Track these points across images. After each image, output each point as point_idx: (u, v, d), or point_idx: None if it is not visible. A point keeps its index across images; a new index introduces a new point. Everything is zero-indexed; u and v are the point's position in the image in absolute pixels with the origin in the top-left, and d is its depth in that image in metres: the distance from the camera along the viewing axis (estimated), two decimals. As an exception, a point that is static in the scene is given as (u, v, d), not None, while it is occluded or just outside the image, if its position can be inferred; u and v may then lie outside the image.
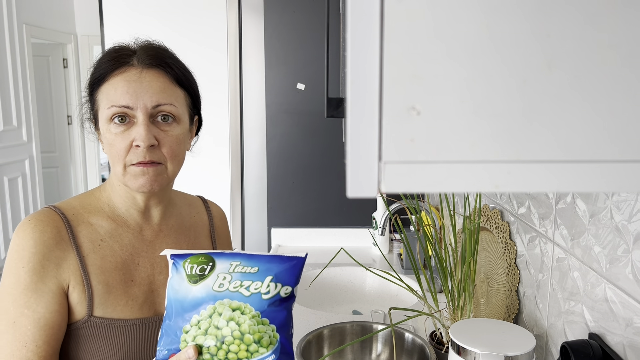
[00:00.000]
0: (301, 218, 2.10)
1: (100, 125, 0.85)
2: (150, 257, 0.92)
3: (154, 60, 0.85)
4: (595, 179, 0.31)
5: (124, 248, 0.89)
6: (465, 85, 0.29)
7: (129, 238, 0.91)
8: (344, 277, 1.74)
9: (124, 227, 0.91)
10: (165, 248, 0.94)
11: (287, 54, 2.01)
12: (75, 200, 0.90)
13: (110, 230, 0.89)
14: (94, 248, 0.86)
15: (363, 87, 0.29)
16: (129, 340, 0.87)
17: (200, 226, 1.04)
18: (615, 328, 0.69)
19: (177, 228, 0.98)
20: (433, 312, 1.06)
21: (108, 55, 0.85)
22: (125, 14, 2.10)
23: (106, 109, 0.82)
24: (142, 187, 0.84)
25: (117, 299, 0.86)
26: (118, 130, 0.82)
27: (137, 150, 0.82)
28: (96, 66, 0.85)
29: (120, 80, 0.82)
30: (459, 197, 1.50)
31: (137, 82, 0.82)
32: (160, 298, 0.92)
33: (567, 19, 0.29)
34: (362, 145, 0.30)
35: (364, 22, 0.29)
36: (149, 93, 0.82)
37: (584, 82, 0.29)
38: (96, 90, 0.84)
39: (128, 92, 0.81)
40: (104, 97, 0.83)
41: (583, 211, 0.77)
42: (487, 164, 0.30)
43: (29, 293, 0.80)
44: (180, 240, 0.98)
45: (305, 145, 2.06)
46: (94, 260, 0.85)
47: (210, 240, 1.05)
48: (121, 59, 0.83)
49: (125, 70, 0.82)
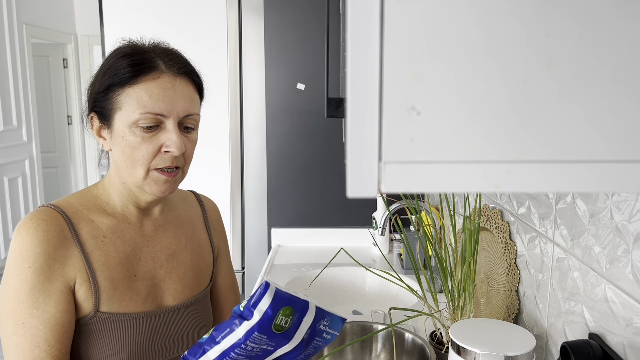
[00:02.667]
0: (301, 218, 2.10)
1: (116, 126, 0.84)
2: (151, 252, 0.93)
3: (182, 68, 0.86)
4: (595, 179, 0.31)
5: (126, 243, 0.90)
6: (465, 85, 0.29)
7: (130, 233, 0.91)
8: (344, 277, 1.74)
9: (125, 223, 0.91)
10: (165, 242, 0.95)
11: (287, 54, 2.01)
12: (72, 198, 0.89)
13: (111, 226, 0.89)
14: (97, 244, 0.86)
15: (363, 87, 0.29)
16: (135, 333, 0.88)
17: (196, 220, 1.05)
18: (615, 328, 0.69)
19: (176, 222, 0.99)
20: (433, 312, 1.06)
21: (128, 56, 0.84)
22: (125, 14, 2.10)
23: (136, 113, 0.81)
24: (162, 193, 0.86)
25: (122, 294, 0.87)
26: (145, 135, 0.83)
27: (166, 155, 0.84)
28: (115, 65, 0.84)
29: (155, 86, 0.82)
30: (459, 197, 1.50)
31: (172, 90, 0.83)
32: (162, 292, 0.93)
33: (567, 19, 0.29)
34: (362, 145, 0.30)
35: (364, 22, 0.29)
36: (182, 102, 0.84)
37: (584, 82, 0.29)
38: (117, 90, 0.83)
39: (164, 101, 0.82)
40: (132, 100, 0.82)
41: (583, 211, 0.77)
42: (487, 164, 0.30)
43: (36, 293, 0.80)
44: (179, 235, 0.99)
45: (305, 145, 2.06)
46: (98, 256, 0.86)
47: (206, 233, 1.06)
48: (148, 62, 0.83)
49: (159, 76, 0.83)
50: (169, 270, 0.94)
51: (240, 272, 2.23)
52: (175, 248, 0.97)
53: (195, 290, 0.99)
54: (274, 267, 1.79)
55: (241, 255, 2.22)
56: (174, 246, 0.97)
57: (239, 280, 2.23)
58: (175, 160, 0.85)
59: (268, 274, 1.72)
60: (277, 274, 1.72)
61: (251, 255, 2.19)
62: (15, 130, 4.29)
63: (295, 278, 1.67)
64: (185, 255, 0.98)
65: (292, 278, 1.67)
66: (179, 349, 0.94)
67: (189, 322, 0.96)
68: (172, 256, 0.96)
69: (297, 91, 2.03)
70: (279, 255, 1.94)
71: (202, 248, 1.03)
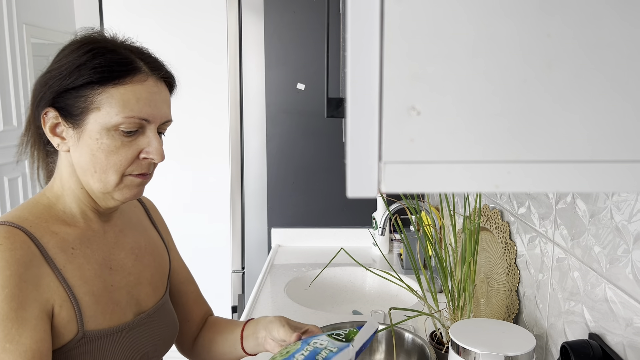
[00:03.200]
0: (301, 218, 2.10)
1: (90, 127, 0.76)
2: (119, 259, 0.87)
3: (162, 72, 0.81)
4: (595, 179, 0.31)
5: (95, 253, 0.83)
6: (465, 85, 0.29)
7: (97, 242, 0.84)
8: (344, 277, 1.74)
9: (89, 232, 0.83)
10: (128, 248, 0.90)
11: (287, 54, 2.01)
12: (21, 212, 0.78)
13: (77, 236, 0.81)
14: (68, 258, 0.77)
15: (363, 87, 0.29)
16: (124, 347, 0.82)
17: (143, 220, 1.00)
18: (615, 328, 0.69)
19: (130, 226, 0.94)
20: (433, 312, 1.06)
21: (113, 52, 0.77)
22: (125, 15, 2.10)
23: (120, 116, 0.75)
24: (133, 197, 0.82)
25: (105, 307, 0.80)
26: (125, 140, 0.77)
27: (144, 162, 0.79)
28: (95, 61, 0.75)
29: (143, 90, 0.77)
30: (459, 197, 1.50)
31: (157, 94, 0.79)
32: (136, 298, 0.87)
33: (567, 19, 0.29)
34: (362, 145, 0.30)
35: (364, 22, 0.29)
36: (164, 108, 0.80)
37: (584, 82, 0.29)
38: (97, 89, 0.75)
39: (150, 105, 0.77)
40: (116, 101, 0.75)
41: (583, 211, 0.77)
42: (487, 164, 0.30)
43: (9, 324, 0.69)
44: (136, 238, 0.93)
45: (305, 145, 2.06)
46: (72, 271, 0.77)
47: (155, 231, 1.01)
48: (134, 63, 0.78)
49: (146, 79, 0.78)
50: (137, 275, 0.89)
51: (240, 272, 2.23)
52: (137, 252, 0.92)
53: (162, 290, 0.95)
54: (274, 267, 1.79)
55: (241, 255, 2.22)
56: (136, 250, 0.92)
57: (238, 280, 2.24)
58: (150, 166, 0.81)
59: (268, 274, 1.72)
60: (277, 274, 1.72)
61: (251, 255, 2.19)
62: (15, 130, 4.29)
63: (295, 278, 1.67)
64: (147, 257, 0.93)
65: (292, 278, 1.67)
66: (161, 351, 0.91)
67: (163, 322, 0.92)
68: (137, 261, 0.90)
69: (297, 91, 2.03)
70: (279, 255, 1.94)
71: (157, 247, 0.98)
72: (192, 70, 2.10)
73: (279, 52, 2.01)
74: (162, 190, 2.38)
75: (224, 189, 2.19)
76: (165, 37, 2.08)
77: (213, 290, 2.50)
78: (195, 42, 2.10)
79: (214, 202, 2.33)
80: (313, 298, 1.68)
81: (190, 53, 2.08)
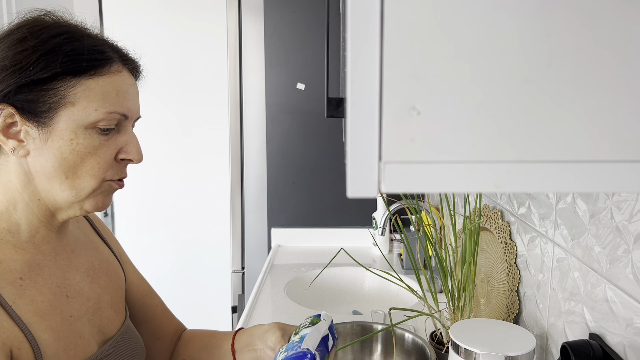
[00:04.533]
0: (301, 218, 2.10)
1: (61, 126, 0.65)
2: (74, 284, 0.75)
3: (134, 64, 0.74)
4: (595, 179, 0.31)
5: (48, 281, 0.70)
6: (465, 84, 0.29)
7: (48, 267, 0.71)
8: (344, 277, 1.74)
9: (39, 256, 0.70)
10: (82, 269, 0.78)
11: (287, 54, 2.01)
12: None
13: (25, 263, 0.68)
14: (17, 291, 0.65)
15: (363, 87, 0.29)
16: None
17: (90, 234, 0.87)
18: (616, 328, 0.69)
19: (80, 244, 0.81)
20: (433, 312, 1.06)
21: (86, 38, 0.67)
22: (125, 15, 2.09)
23: (100, 111, 0.66)
24: (104, 207, 0.72)
25: (68, 342, 0.69)
26: (102, 139, 0.68)
27: (122, 164, 0.71)
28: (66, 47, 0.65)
29: (121, 82, 0.68)
30: (459, 197, 1.50)
31: (133, 87, 0.71)
32: (99, 326, 0.77)
33: (567, 18, 0.29)
34: (362, 145, 0.30)
35: (364, 22, 0.28)
36: (137, 102, 0.73)
37: (584, 81, 0.29)
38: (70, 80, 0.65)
39: (128, 99, 0.69)
40: (94, 95, 0.65)
41: (583, 211, 0.77)
42: (487, 164, 0.30)
43: None
44: (89, 257, 0.81)
45: (305, 145, 2.06)
46: (24, 306, 0.65)
47: (104, 246, 0.89)
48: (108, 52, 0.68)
49: (122, 71, 0.69)
50: (96, 299, 0.78)
51: (240, 272, 2.23)
52: (92, 273, 0.80)
53: (123, 311, 0.84)
54: (274, 267, 1.79)
55: (241, 255, 2.22)
56: (91, 271, 0.80)
57: (238, 280, 2.23)
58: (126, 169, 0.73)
59: (268, 274, 1.72)
60: (277, 274, 1.72)
61: (251, 255, 2.19)
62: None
63: (295, 278, 1.67)
64: (103, 278, 0.81)
65: (292, 278, 1.67)
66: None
67: (131, 347, 0.82)
68: (93, 283, 0.78)
69: (297, 91, 2.03)
70: (279, 255, 1.94)
71: (110, 264, 0.86)
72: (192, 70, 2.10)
73: (279, 52, 2.01)
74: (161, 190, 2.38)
75: (224, 189, 2.19)
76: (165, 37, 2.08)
77: (213, 291, 2.50)
78: (195, 41, 2.09)
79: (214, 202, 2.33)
80: (313, 298, 1.68)
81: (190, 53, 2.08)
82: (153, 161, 2.23)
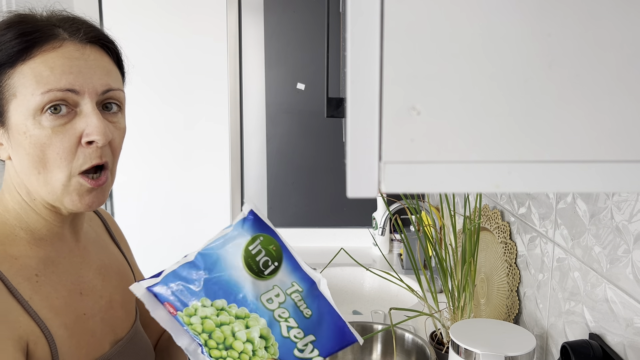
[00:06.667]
0: (301, 218, 2.10)
1: (14, 121, 0.62)
2: (86, 282, 0.74)
3: (90, 33, 0.66)
4: (596, 179, 0.31)
5: (62, 278, 0.70)
6: (465, 85, 0.29)
7: (63, 264, 0.71)
8: (344, 277, 1.74)
9: (53, 253, 0.70)
10: (95, 267, 0.77)
11: (287, 54, 2.01)
12: None
13: (40, 259, 0.68)
14: (34, 287, 0.65)
15: (363, 87, 0.29)
16: None
17: (102, 234, 0.86)
18: (616, 328, 0.68)
19: (92, 242, 0.80)
20: (433, 312, 1.06)
21: (16, 24, 0.64)
22: (125, 15, 2.09)
23: (37, 94, 0.61)
24: (88, 207, 0.67)
25: (80, 340, 0.69)
26: (56, 124, 0.62)
27: (89, 149, 0.64)
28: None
29: (56, 57, 0.62)
30: (459, 197, 1.50)
31: (81, 59, 0.64)
32: (111, 325, 0.76)
33: (567, 18, 0.29)
34: (362, 145, 0.30)
35: (364, 22, 0.28)
36: (98, 74, 0.65)
37: (585, 81, 0.29)
38: (7, 72, 0.62)
39: (71, 72, 0.62)
40: (29, 80, 0.61)
41: (583, 211, 0.77)
42: (487, 164, 0.30)
43: None
44: (100, 255, 0.80)
45: (305, 145, 2.06)
46: (39, 302, 0.65)
47: (116, 248, 0.88)
48: (43, 29, 0.63)
49: (61, 45, 0.63)
50: (108, 298, 0.77)
51: (240, 272, 2.23)
52: (104, 272, 0.79)
53: (133, 313, 0.83)
54: (274, 267, 1.79)
55: (241, 255, 2.22)
56: (103, 270, 0.79)
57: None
58: (102, 153, 0.65)
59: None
60: (277, 274, 1.72)
61: (251, 255, 2.19)
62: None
63: (295, 278, 1.67)
64: (114, 277, 0.80)
65: (292, 278, 1.67)
66: None
67: (142, 349, 0.81)
68: (105, 282, 0.78)
69: (297, 91, 2.03)
70: (279, 255, 1.94)
71: (121, 265, 0.85)
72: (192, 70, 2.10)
73: (279, 52, 2.01)
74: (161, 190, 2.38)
75: (224, 189, 2.19)
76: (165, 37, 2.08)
77: (213, 291, 2.49)
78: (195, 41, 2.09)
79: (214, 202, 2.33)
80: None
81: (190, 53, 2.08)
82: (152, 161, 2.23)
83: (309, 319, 0.62)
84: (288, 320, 0.61)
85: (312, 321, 0.62)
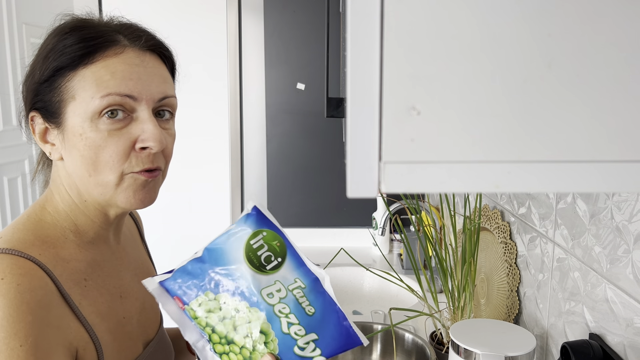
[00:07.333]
0: (301, 218, 2.10)
1: (70, 123, 0.63)
2: (125, 284, 0.75)
3: (150, 41, 0.68)
4: (596, 179, 0.31)
5: (106, 281, 0.71)
6: (465, 85, 0.29)
7: (107, 268, 0.72)
8: (343, 278, 1.74)
9: (99, 256, 0.71)
10: (131, 269, 0.78)
11: (287, 54, 2.01)
12: (26, 233, 0.64)
13: (88, 263, 0.68)
14: (82, 292, 0.65)
15: (363, 87, 0.29)
16: None
17: (135, 235, 0.87)
18: (616, 328, 0.68)
19: (129, 242, 0.82)
20: (433, 312, 1.06)
21: (79, 29, 0.65)
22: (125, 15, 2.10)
23: (96, 98, 0.62)
24: (141, 203, 0.67)
25: (122, 344, 0.70)
26: (112, 128, 0.63)
27: (142, 154, 0.65)
28: (61, 44, 0.64)
29: (118, 62, 0.63)
30: (459, 197, 1.50)
31: (141, 66, 0.65)
32: (143, 327, 0.77)
33: (567, 18, 0.29)
34: (362, 145, 0.30)
35: (364, 22, 0.28)
36: (155, 82, 0.66)
37: (585, 82, 0.29)
38: (67, 74, 0.63)
39: (132, 78, 0.63)
40: (89, 83, 0.62)
41: (583, 211, 0.77)
42: (487, 164, 0.30)
43: None
44: (135, 255, 0.82)
45: (305, 145, 2.06)
46: (87, 307, 0.65)
47: (144, 250, 0.89)
48: (105, 35, 0.65)
49: (123, 51, 0.64)
50: (142, 300, 0.78)
51: (240, 272, 2.23)
52: (139, 272, 0.80)
53: (159, 313, 0.84)
54: (274, 267, 1.79)
55: (241, 255, 2.22)
56: (137, 270, 0.80)
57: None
58: (154, 159, 0.66)
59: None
60: (277, 274, 1.72)
61: (251, 255, 2.19)
62: (15, 130, 4.29)
63: (295, 278, 1.67)
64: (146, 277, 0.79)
65: (292, 278, 1.67)
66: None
67: (167, 348, 0.83)
68: (139, 284, 0.77)
69: (297, 91, 2.03)
70: (279, 255, 1.94)
71: (149, 265, 0.86)
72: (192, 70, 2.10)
73: (279, 51, 2.01)
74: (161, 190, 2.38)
75: (224, 189, 2.19)
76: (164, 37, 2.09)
77: (213, 291, 2.49)
78: (195, 41, 2.09)
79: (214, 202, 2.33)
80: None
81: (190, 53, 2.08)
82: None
83: (311, 317, 0.61)
84: (289, 317, 0.60)
85: (315, 319, 0.61)
